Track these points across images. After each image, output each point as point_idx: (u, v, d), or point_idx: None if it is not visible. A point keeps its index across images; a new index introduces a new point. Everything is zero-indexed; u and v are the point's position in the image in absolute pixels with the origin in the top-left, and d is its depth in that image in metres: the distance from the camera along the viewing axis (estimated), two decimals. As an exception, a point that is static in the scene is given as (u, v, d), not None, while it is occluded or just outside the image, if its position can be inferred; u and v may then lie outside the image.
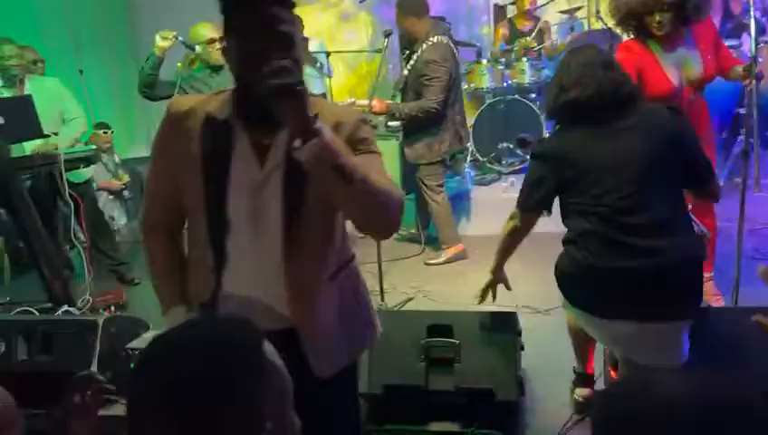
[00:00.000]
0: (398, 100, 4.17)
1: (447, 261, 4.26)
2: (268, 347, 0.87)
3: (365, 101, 3.93)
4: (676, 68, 2.79)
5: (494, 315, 2.52)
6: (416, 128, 3.97)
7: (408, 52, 4.06)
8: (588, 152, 1.98)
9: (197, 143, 1.34)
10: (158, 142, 1.43)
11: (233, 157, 1.33)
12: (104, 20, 7.33)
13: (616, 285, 1.93)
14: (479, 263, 4.21)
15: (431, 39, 3.87)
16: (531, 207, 2.14)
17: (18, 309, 3.30)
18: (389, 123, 4.28)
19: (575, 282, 2.07)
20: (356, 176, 1.18)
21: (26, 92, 3.68)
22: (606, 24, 5.08)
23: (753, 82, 2.67)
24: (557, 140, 2.15)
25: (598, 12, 5.11)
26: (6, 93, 3.76)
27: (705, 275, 3.11)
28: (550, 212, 2.14)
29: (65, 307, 3.15)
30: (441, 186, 4.20)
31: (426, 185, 4.14)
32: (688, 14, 2.71)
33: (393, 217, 1.32)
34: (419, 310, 3.30)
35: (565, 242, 2.10)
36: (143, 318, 2.65)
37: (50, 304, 3.28)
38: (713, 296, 3.12)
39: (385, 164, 1.39)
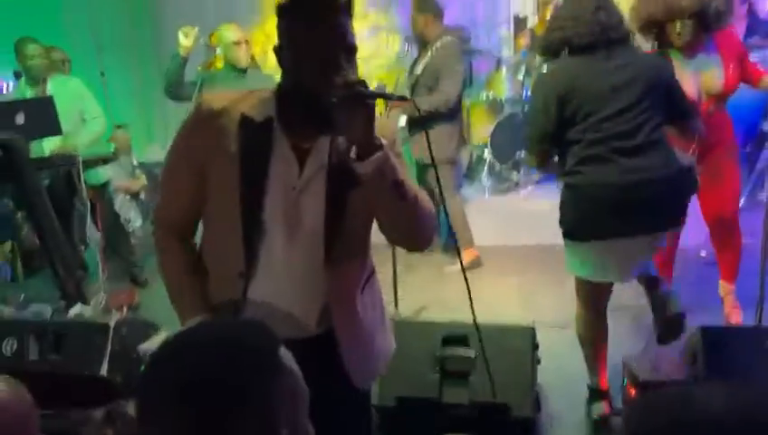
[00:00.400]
0: None
1: (467, 267, 4.17)
2: (284, 352, 0.84)
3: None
4: (694, 79, 2.74)
5: (511, 329, 2.47)
6: (429, 125, 3.94)
7: (419, 53, 4.09)
8: (585, 85, 2.19)
9: (234, 142, 1.31)
10: (185, 138, 1.40)
11: (272, 159, 1.32)
12: (127, 22, 7.40)
13: (606, 199, 2.17)
14: (496, 272, 4.16)
15: (445, 37, 3.95)
16: (542, 145, 2.32)
17: (31, 306, 3.32)
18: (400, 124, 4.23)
19: (572, 207, 2.28)
20: (409, 193, 1.25)
21: (48, 91, 3.71)
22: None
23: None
24: (555, 74, 2.35)
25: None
26: (29, 91, 3.80)
27: (728, 287, 3.06)
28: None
29: (78, 306, 3.15)
30: (455, 187, 4.19)
31: (441, 185, 4.09)
32: (710, 22, 2.68)
33: (430, 234, 1.40)
34: (434, 320, 3.24)
35: (565, 176, 2.29)
36: (154, 320, 2.63)
37: (63, 302, 3.28)
38: (732, 309, 3.08)
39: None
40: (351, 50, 1.27)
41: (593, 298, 2.43)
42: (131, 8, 7.40)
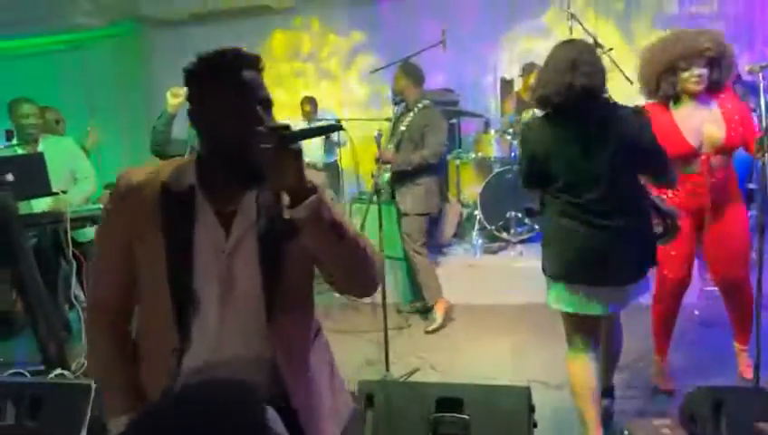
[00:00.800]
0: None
1: (444, 322, 4.23)
2: (271, 414, 0.80)
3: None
4: (696, 130, 2.78)
5: (506, 390, 2.39)
6: (414, 178, 4.19)
7: (400, 113, 4.33)
8: (560, 151, 2.34)
9: (156, 215, 1.29)
10: (111, 216, 1.36)
11: (196, 227, 1.30)
12: (119, 85, 7.56)
13: (575, 252, 2.37)
14: (489, 332, 4.11)
15: (424, 100, 4.25)
16: (529, 185, 2.53)
17: (10, 371, 3.20)
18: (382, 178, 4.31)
19: (549, 249, 2.48)
20: (348, 232, 1.23)
21: (39, 150, 3.72)
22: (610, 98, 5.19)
23: (766, 155, 2.64)
24: (535, 133, 2.47)
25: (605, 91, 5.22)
26: (20, 150, 3.80)
27: (740, 347, 3.02)
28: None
29: (58, 370, 3.05)
30: (425, 244, 4.34)
31: (412, 238, 4.27)
32: (721, 72, 2.75)
33: (375, 274, 1.33)
34: (427, 381, 3.17)
35: (546, 221, 2.52)
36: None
37: (42, 367, 3.17)
38: (746, 368, 3.04)
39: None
40: (268, 103, 1.27)
41: (574, 331, 2.52)
42: (124, 72, 7.58)
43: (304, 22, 7.06)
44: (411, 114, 4.19)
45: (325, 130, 1.46)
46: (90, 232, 4.02)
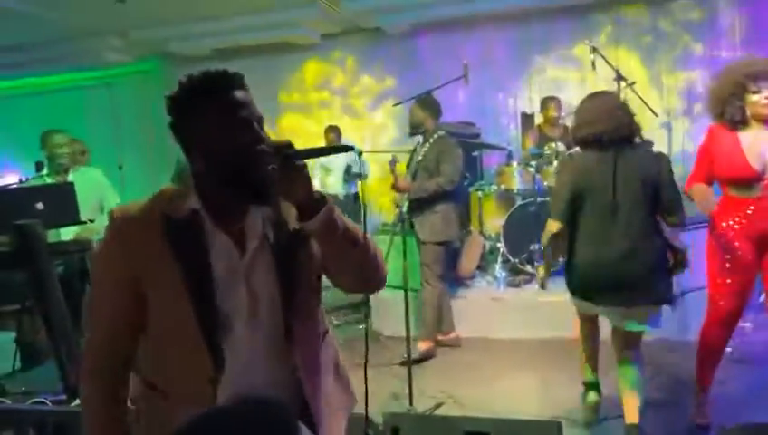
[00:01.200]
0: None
1: (420, 358, 4.15)
2: (305, 432, 0.78)
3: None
4: (761, 155, 2.74)
5: (536, 425, 2.32)
6: (431, 205, 4.19)
7: (418, 144, 4.38)
8: (593, 182, 2.70)
9: (163, 245, 1.24)
10: (110, 254, 1.29)
11: (210, 249, 1.27)
12: (146, 117, 7.73)
13: (595, 276, 2.73)
14: (515, 367, 4.01)
15: (440, 131, 4.29)
16: (558, 217, 2.81)
17: (32, 400, 3.19)
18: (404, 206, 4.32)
19: (570, 273, 2.84)
20: (359, 236, 1.27)
21: (69, 180, 3.78)
22: (639, 136, 5.16)
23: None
24: (572, 165, 2.84)
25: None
26: (50, 181, 3.87)
27: (701, 387, 3.03)
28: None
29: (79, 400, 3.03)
30: (442, 276, 4.29)
31: (430, 268, 4.24)
32: None
33: (384, 272, 1.38)
34: (455, 415, 3.08)
35: (570, 245, 2.81)
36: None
37: (64, 396, 3.16)
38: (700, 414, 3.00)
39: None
40: (261, 120, 1.27)
41: (581, 328, 3.07)
42: (149, 106, 7.75)
43: (341, 57, 7.18)
44: (427, 145, 4.25)
45: (334, 151, 1.42)
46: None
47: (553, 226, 2.81)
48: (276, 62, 7.15)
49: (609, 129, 2.68)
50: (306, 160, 1.21)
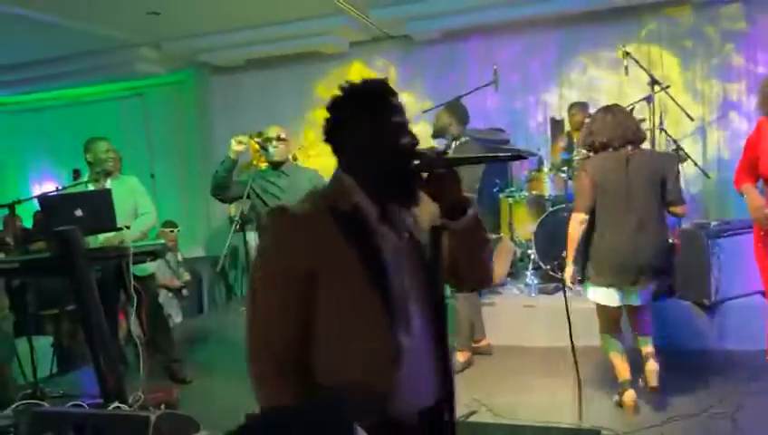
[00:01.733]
0: None
1: (461, 368, 4.14)
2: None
3: None
4: None
5: (575, 433, 2.28)
6: None
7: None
8: (611, 179, 3.13)
9: (340, 238, 1.31)
10: (285, 254, 1.32)
11: (381, 241, 1.35)
12: (178, 129, 7.87)
13: (612, 259, 3.12)
14: (549, 375, 3.95)
15: (463, 138, 4.26)
16: (585, 210, 3.18)
17: (70, 403, 3.24)
18: None
19: (591, 260, 3.21)
20: (487, 235, 1.44)
21: (107, 187, 3.86)
22: (670, 136, 5.07)
23: None
24: (591, 164, 3.24)
25: (662, 125, 5.11)
26: (91, 187, 3.96)
27: None
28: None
29: (116, 403, 3.07)
30: None
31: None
32: None
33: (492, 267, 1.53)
34: (492, 422, 3.05)
35: (591, 238, 3.20)
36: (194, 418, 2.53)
37: (101, 400, 3.21)
38: None
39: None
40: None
41: (606, 320, 3.35)
42: (182, 116, 7.90)
43: (370, 65, 7.19)
44: (449, 151, 4.22)
45: (495, 159, 1.65)
46: (148, 266, 4.12)
47: (579, 217, 3.19)
48: (306, 71, 7.20)
49: (615, 136, 3.15)
50: None
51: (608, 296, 3.21)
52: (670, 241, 3.26)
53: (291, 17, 6.21)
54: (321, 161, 6.90)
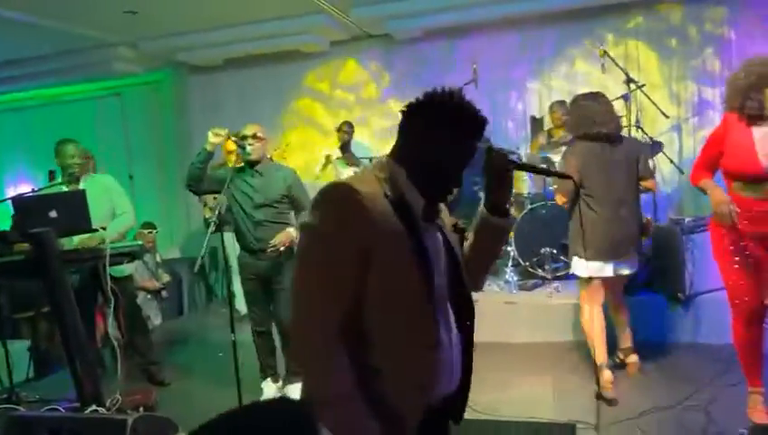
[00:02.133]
0: None
1: None
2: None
3: None
4: None
5: (550, 427, 2.31)
6: None
7: None
8: (593, 164, 3.45)
9: (393, 222, 1.35)
10: (347, 229, 1.32)
11: (424, 232, 1.43)
12: (156, 127, 7.79)
13: (606, 236, 3.43)
14: (529, 370, 3.99)
15: None
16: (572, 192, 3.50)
17: (46, 408, 3.20)
18: None
19: (576, 235, 3.58)
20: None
21: (80, 188, 3.81)
22: (646, 134, 5.14)
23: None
24: (576, 151, 3.53)
25: (638, 122, 5.18)
26: (65, 189, 3.90)
27: (752, 388, 2.96)
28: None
29: (93, 407, 3.03)
30: None
31: None
32: None
33: None
34: (474, 419, 3.06)
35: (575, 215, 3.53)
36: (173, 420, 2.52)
37: (78, 404, 3.16)
38: (758, 412, 2.92)
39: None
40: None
41: (594, 291, 3.58)
42: (161, 117, 7.82)
43: (350, 64, 7.19)
44: None
45: (550, 173, 1.87)
46: (126, 267, 4.07)
47: (561, 199, 3.58)
48: (286, 70, 7.18)
49: (612, 127, 3.47)
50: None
51: (602, 269, 3.48)
52: (643, 219, 3.71)
53: (270, 16, 6.18)
54: (298, 159, 6.96)
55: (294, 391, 3.81)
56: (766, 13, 5.69)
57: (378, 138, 7.02)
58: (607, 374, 3.49)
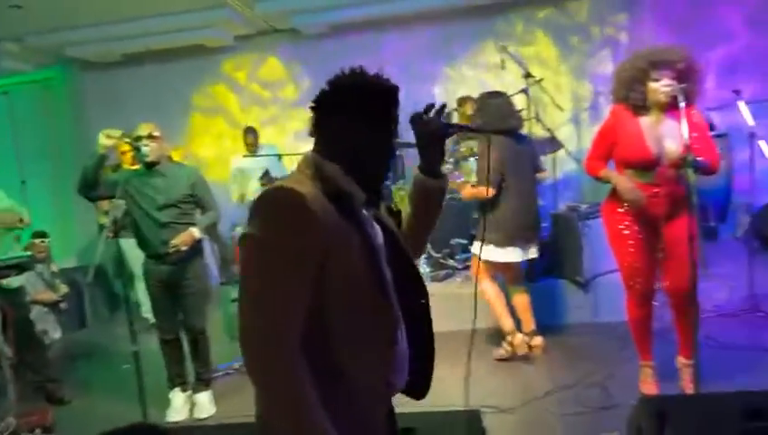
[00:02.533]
0: None
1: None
2: None
3: None
4: (658, 140, 2.86)
5: (457, 414, 2.37)
6: None
7: None
8: (508, 156, 3.76)
9: (342, 220, 1.30)
10: (301, 236, 1.24)
11: (372, 233, 1.40)
12: (49, 127, 7.30)
13: (517, 223, 3.80)
14: (440, 359, 4.04)
15: None
16: (495, 185, 3.74)
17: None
18: None
19: (499, 225, 3.77)
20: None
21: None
22: (546, 128, 5.38)
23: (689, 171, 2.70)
24: (499, 144, 3.73)
25: (537, 115, 5.41)
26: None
27: (684, 361, 3.10)
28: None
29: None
30: None
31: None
32: (688, 87, 2.74)
33: None
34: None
35: (490, 205, 3.78)
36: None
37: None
38: (688, 383, 3.05)
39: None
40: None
41: (492, 270, 3.97)
42: (52, 116, 7.33)
43: (256, 59, 7.03)
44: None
45: (485, 131, 2.04)
46: (15, 280, 3.79)
47: (491, 192, 3.74)
48: (189, 66, 6.93)
49: (519, 124, 3.93)
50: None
51: (510, 254, 3.82)
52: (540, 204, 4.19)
53: (170, 9, 5.93)
54: (207, 152, 6.74)
55: (203, 399, 3.69)
56: (661, 26, 6.08)
57: (288, 136, 6.93)
58: (519, 337, 3.90)
